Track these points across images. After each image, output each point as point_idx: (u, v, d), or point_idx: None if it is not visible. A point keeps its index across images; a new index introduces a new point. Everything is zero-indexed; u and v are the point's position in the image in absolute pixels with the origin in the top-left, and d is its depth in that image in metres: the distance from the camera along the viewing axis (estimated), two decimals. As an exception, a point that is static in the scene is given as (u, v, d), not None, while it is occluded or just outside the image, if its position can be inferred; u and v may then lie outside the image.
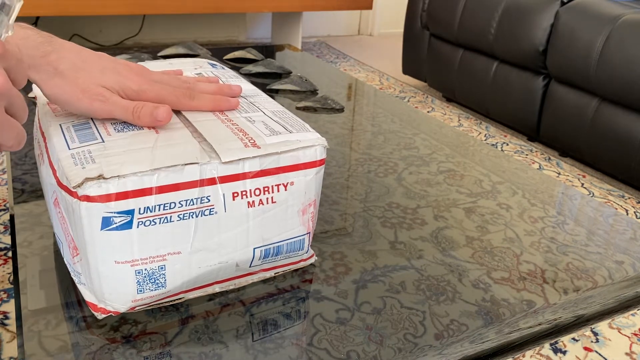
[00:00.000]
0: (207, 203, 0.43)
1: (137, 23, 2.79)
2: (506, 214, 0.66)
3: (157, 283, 0.44)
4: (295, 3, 2.49)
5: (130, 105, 0.46)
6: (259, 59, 1.19)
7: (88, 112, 0.46)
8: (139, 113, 0.46)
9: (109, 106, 0.46)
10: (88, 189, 0.39)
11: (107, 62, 0.48)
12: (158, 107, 0.47)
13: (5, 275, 1.08)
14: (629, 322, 1.10)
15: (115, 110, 0.46)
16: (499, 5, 1.93)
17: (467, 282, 0.53)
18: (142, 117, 0.46)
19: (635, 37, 1.52)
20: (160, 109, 0.46)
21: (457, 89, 2.19)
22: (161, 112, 0.46)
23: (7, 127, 0.35)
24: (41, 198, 0.61)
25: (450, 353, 0.45)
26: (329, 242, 0.58)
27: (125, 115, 0.46)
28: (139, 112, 0.46)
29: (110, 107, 0.46)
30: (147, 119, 0.46)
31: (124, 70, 0.49)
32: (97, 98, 0.46)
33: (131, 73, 0.49)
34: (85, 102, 0.46)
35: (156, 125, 0.47)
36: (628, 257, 0.59)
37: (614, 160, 1.62)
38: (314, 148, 0.47)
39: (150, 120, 0.46)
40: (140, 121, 0.46)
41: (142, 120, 0.46)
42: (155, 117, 0.46)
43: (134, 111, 0.46)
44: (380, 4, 3.43)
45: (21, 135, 0.37)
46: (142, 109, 0.46)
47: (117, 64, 0.49)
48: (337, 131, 0.86)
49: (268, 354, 0.43)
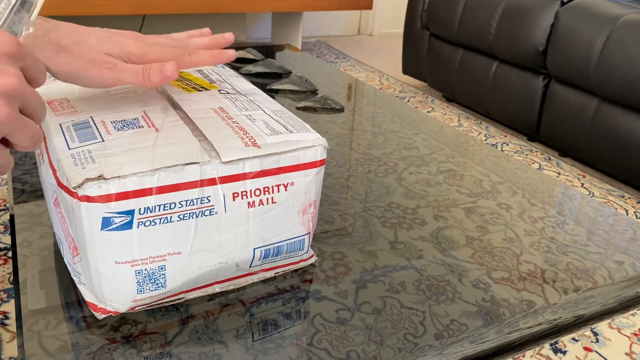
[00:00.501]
0: (207, 203, 0.43)
1: (137, 23, 2.79)
2: (506, 214, 0.66)
3: (157, 283, 0.44)
4: (295, 3, 2.49)
5: (138, 68, 0.47)
6: (259, 59, 1.19)
7: (98, 81, 0.47)
8: (148, 74, 0.47)
9: (118, 72, 0.47)
10: (88, 189, 0.39)
11: (103, 32, 0.49)
12: (165, 64, 0.48)
13: (5, 275, 1.08)
14: (629, 322, 1.10)
15: (124, 76, 0.47)
16: (499, 5, 1.93)
17: (467, 282, 0.53)
18: (151, 77, 0.47)
19: (635, 37, 1.52)
20: (168, 65, 0.48)
21: (457, 89, 2.19)
22: (169, 67, 0.47)
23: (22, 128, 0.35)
24: (41, 198, 0.61)
25: (450, 353, 0.45)
26: (329, 242, 0.58)
27: (135, 78, 0.47)
28: (148, 73, 0.47)
29: (119, 73, 0.47)
30: (157, 78, 0.47)
31: (121, 37, 0.49)
32: (105, 66, 0.46)
33: (129, 39, 0.50)
34: (94, 72, 0.46)
35: (166, 82, 0.48)
36: (628, 257, 0.59)
37: (614, 160, 1.62)
38: (314, 148, 0.47)
39: (160, 79, 0.47)
40: (150, 82, 0.47)
41: (152, 80, 0.47)
42: (164, 73, 0.47)
43: (143, 73, 0.47)
44: (380, 4, 3.43)
45: (37, 135, 0.37)
46: (151, 70, 0.47)
47: (113, 33, 0.50)
48: (337, 131, 0.86)
49: (268, 354, 0.43)
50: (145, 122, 0.47)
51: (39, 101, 0.37)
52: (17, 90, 0.33)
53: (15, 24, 0.35)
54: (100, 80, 0.47)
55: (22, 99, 0.34)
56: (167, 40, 0.53)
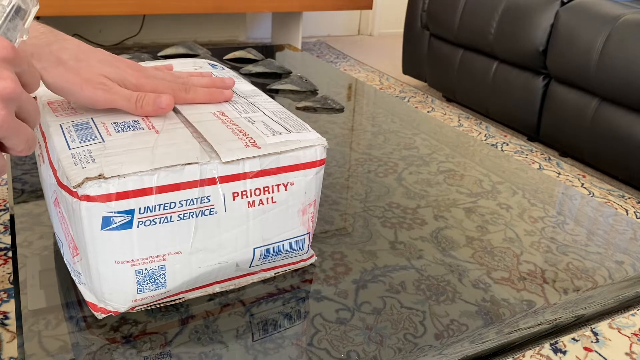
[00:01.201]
0: (207, 203, 0.43)
1: (137, 23, 2.79)
2: (506, 214, 0.66)
3: (157, 283, 0.44)
4: (295, 3, 2.49)
5: (132, 95, 0.47)
6: (259, 59, 1.19)
7: (90, 101, 0.47)
8: (141, 102, 0.47)
9: (112, 95, 0.47)
10: (88, 188, 0.39)
11: (105, 55, 0.49)
12: (160, 96, 0.48)
13: (5, 275, 1.08)
14: (629, 322, 1.10)
15: (117, 100, 0.47)
16: (499, 5, 1.93)
17: (467, 282, 0.53)
18: (144, 106, 0.47)
19: (635, 37, 1.52)
20: (163, 97, 0.48)
21: (457, 89, 2.19)
22: (164, 99, 0.47)
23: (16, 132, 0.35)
24: (41, 198, 0.61)
25: (450, 353, 0.45)
26: (329, 242, 0.58)
27: (128, 104, 0.47)
28: (141, 102, 0.47)
29: (113, 96, 0.47)
30: (149, 108, 0.47)
31: (121, 64, 0.49)
32: (100, 87, 0.46)
33: (128, 67, 0.49)
34: (88, 91, 0.46)
35: (158, 114, 0.48)
36: (628, 257, 0.59)
37: (614, 160, 1.62)
38: (314, 148, 0.47)
39: (153, 109, 0.47)
40: (142, 110, 0.47)
41: (145, 108, 0.47)
42: (159, 105, 0.47)
43: (137, 100, 0.47)
44: (380, 4, 3.43)
45: (32, 139, 0.37)
46: (145, 98, 0.47)
47: (114, 58, 0.50)
48: (337, 131, 0.86)
49: (268, 354, 0.43)
50: (145, 124, 0.47)
51: (34, 106, 0.37)
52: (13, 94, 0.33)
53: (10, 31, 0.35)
54: (92, 100, 0.47)
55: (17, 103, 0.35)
56: (166, 75, 0.53)
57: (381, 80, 2.59)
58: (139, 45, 2.78)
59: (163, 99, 0.47)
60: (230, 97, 0.54)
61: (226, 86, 0.56)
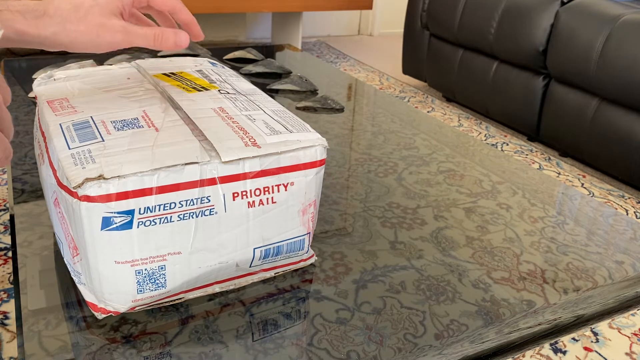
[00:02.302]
0: (207, 203, 0.43)
1: (137, 23, 2.78)
2: (506, 214, 0.66)
3: (157, 283, 0.44)
4: (295, 3, 2.49)
5: (149, 33, 0.49)
6: (259, 59, 1.19)
7: (110, 46, 0.48)
8: (160, 39, 0.49)
9: (130, 37, 0.48)
10: (88, 189, 0.39)
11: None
12: (178, 32, 0.49)
13: (5, 275, 1.08)
14: (629, 322, 1.10)
15: (136, 40, 0.48)
16: (499, 5, 1.93)
17: (467, 282, 0.53)
18: (164, 42, 0.49)
19: (635, 37, 1.52)
20: (181, 34, 0.49)
21: (457, 89, 2.19)
22: (183, 37, 0.49)
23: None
24: (41, 198, 0.61)
25: (450, 353, 0.45)
26: (329, 242, 0.58)
27: (147, 41, 0.49)
28: (160, 39, 0.49)
29: (131, 37, 0.48)
30: (170, 43, 0.49)
31: None
32: (117, 29, 0.47)
33: None
34: (106, 37, 0.47)
35: (177, 48, 0.50)
36: (628, 257, 0.59)
37: (614, 160, 1.62)
38: (314, 148, 0.47)
39: (172, 44, 0.49)
40: (162, 45, 0.49)
41: (165, 44, 0.49)
42: (178, 42, 0.49)
43: (155, 37, 0.48)
44: (380, 4, 3.43)
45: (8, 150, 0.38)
46: (163, 35, 0.49)
47: None
48: (337, 131, 0.86)
49: (268, 354, 0.43)
50: (145, 122, 0.47)
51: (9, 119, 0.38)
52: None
53: None
54: (113, 44, 0.48)
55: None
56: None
57: (381, 80, 2.59)
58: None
59: (182, 35, 0.49)
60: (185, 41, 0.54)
61: None
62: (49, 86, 0.54)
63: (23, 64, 1.08)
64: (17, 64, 1.08)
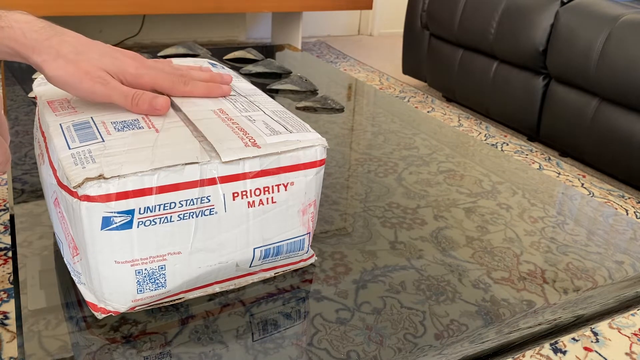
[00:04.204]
0: (207, 203, 0.43)
1: (137, 23, 2.79)
2: (506, 214, 0.66)
3: (157, 283, 0.44)
4: (295, 3, 2.49)
5: (129, 92, 0.48)
6: (259, 59, 1.19)
7: (88, 94, 0.47)
8: (137, 100, 0.47)
9: (109, 90, 0.47)
10: (88, 188, 0.39)
11: (104, 47, 0.50)
12: (157, 96, 0.48)
13: (5, 275, 1.08)
14: (629, 322, 1.10)
15: (114, 95, 0.47)
16: (499, 5, 1.93)
17: (467, 282, 0.53)
18: (140, 105, 0.47)
19: (635, 37, 1.52)
20: (159, 99, 0.48)
21: (457, 89, 2.19)
22: (160, 101, 0.48)
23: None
24: (41, 198, 0.61)
25: (450, 353, 0.45)
26: (329, 242, 0.58)
27: (124, 101, 0.47)
28: (137, 100, 0.47)
29: (110, 91, 0.47)
30: (145, 106, 0.47)
31: (120, 55, 0.50)
32: (98, 81, 0.47)
33: (127, 58, 0.50)
34: (87, 84, 0.47)
35: (153, 114, 0.48)
36: (628, 257, 0.59)
37: (614, 160, 1.62)
38: (314, 148, 0.47)
39: (147, 109, 0.47)
40: (138, 108, 0.48)
41: (140, 107, 0.47)
42: (154, 106, 0.47)
43: (132, 98, 0.47)
44: (380, 4, 3.43)
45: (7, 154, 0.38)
46: (141, 97, 0.47)
47: (113, 50, 0.50)
48: (337, 131, 0.86)
49: (268, 354, 0.43)
50: (145, 123, 0.47)
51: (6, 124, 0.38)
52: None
53: None
54: (90, 93, 0.47)
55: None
56: (165, 66, 0.53)
57: (381, 80, 2.59)
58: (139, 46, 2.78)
59: (159, 100, 0.48)
60: (228, 93, 0.54)
61: (224, 81, 0.56)
62: (49, 86, 0.54)
63: (23, 64, 1.08)
64: (17, 64, 1.08)
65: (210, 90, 0.53)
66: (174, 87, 0.51)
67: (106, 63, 0.48)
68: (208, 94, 0.53)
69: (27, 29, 0.46)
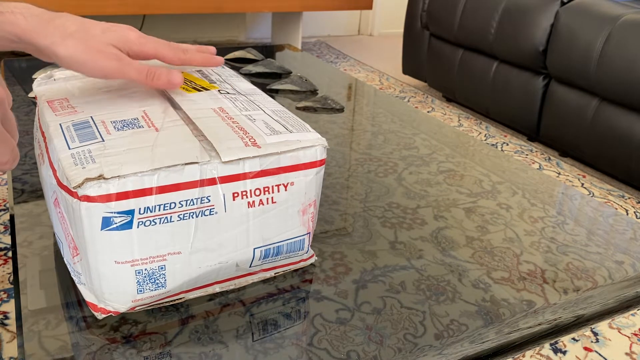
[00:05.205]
0: (207, 203, 0.43)
1: (137, 23, 2.79)
2: (506, 214, 0.66)
3: (157, 283, 0.44)
4: (295, 3, 2.49)
5: (144, 68, 0.49)
6: (259, 59, 1.19)
7: (103, 72, 0.48)
8: (153, 76, 0.49)
9: (124, 66, 0.48)
10: (88, 189, 0.39)
11: (102, 24, 0.51)
12: (172, 71, 0.49)
13: (5, 275, 1.08)
14: (629, 322, 1.10)
15: (130, 71, 0.48)
16: (499, 5, 1.93)
17: (467, 282, 0.53)
18: (156, 80, 0.49)
19: (635, 37, 1.52)
20: (175, 73, 0.49)
21: (457, 89, 2.19)
22: (178, 75, 0.50)
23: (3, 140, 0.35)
24: (41, 198, 0.61)
25: (450, 353, 0.45)
26: (329, 242, 0.58)
27: (139, 76, 0.48)
28: (153, 75, 0.49)
29: (125, 67, 0.48)
30: (163, 80, 0.49)
31: (119, 28, 0.51)
32: (112, 57, 0.47)
33: (126, 30, 0.51)
34: (102, 61, 0.47)
35: (170, 89, 0.50)
36: (628, 257, 0.59)
37: (614, 160, 1.62)
38: (314, 148, 0.47)
39: (165, 83, 0.49)
40: (154, 83, 0.49)
41: (156, 82, 0.49)
42: (172, 80, 0.49)
43: (148, 73, 0.49)
44: (380, 4, 3.43)
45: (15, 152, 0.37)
46: (156, 72, 0.49)
47: (111, 25, 0.51)
48: (337, 131, 0.86)
49: (268, 354, 0.43)
50: (145, 122, 0.47)
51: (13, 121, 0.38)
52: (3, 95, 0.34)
53: None
54: (105, 71, 0.48)
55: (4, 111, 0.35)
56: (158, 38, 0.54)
57: (381, 80, 2.59)
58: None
59: (175, 74, 0.49)
60: (222, 63, 0.57)
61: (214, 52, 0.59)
62: (49, 86, 0.54)
63: (23, 64, 1.08)
64: (17, 64, 1.08)
65: (206, 60, 0.56)
66: (175, 54, 0.52)
67: (111, 38, 0.48)
68: (206, 63, 0.56)
69: (27, 13, 0.46)
